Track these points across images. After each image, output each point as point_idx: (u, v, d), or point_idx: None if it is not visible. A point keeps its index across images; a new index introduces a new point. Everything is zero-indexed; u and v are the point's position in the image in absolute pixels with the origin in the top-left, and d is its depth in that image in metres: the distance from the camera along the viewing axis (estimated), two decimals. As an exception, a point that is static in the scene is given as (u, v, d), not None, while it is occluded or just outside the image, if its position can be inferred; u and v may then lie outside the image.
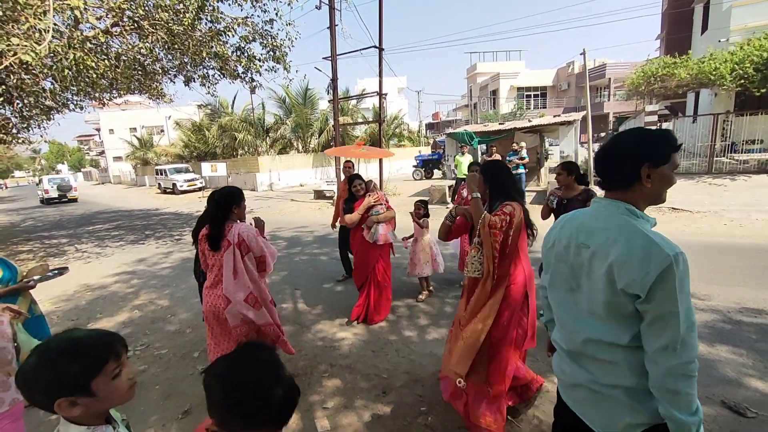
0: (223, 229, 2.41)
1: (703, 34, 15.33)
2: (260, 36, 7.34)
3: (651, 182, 1.13)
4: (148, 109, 32.34)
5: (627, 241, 1.09)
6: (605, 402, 1.18)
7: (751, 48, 9.68)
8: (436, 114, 51.60)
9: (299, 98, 22.39)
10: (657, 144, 1.14)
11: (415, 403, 2.59)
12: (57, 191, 20.80)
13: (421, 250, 4.33)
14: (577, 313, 1.25)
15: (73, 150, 62.74)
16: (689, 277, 1.06)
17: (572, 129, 10.88)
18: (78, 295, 5.33)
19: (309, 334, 3.72)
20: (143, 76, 7.70)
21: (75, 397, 0.88)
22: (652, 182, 1.14)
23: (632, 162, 1.15)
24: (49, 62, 5.51)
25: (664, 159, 1.13)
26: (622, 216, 1.15)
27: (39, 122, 9.00)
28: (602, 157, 1.23)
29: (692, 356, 1.04)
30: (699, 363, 1.04)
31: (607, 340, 1.15)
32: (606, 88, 29.34)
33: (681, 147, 1.20)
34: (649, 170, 1.13)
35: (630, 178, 1.15)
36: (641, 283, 1.05)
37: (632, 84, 12.64)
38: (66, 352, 0.89)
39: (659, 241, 1.06)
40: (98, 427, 0.95)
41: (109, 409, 1.01)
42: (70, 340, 0.92)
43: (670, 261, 1.02)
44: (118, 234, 10.32)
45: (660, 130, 1.20)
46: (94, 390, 0.89)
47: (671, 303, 1.03)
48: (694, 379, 1.05)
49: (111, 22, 5.97)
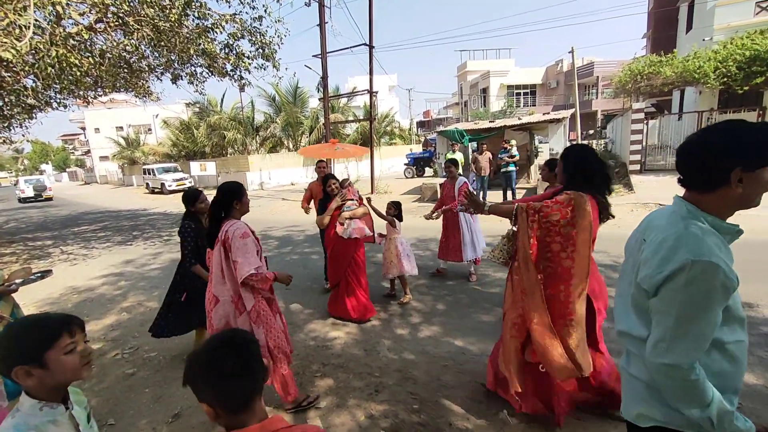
0: (220, 226, 2.34)
1: (688, 33, 15.60)
2: (249, 33, 7.25)
3: (742, 187, 1.00)
4: (134, 107, 31.87)
5: (664, 239, 1.05)
6: (629, 389, 1.24)
7: (734, 47, 9.89)
8: (427, 112, 51.69)
9: (289, 96, 22.23)
10: (755, 143, 0.98)
11: (407, 401, 2.59)
12: (33, 191, 22.84)
13: (386, 249, 4.28)
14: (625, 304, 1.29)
15: (57, 149, 61.29)
16: (714, 292, 0.97)
17: (561, 126, 11.00)
18: (64, 298, 5.22)
19: (301, 334, 3.70)
20: (129, 73, 7.55)
21: (30, 366, 0.97)
22: (744, 187, 0.99)
23: (722, 164, 1.00)
24: (30, 59, 5.37)
25: (763, 161, 0.98)
26: (679, 215, 1.09)
27: (21, 121, 8.79)
28: (686, 153, 1.09)
29: (678, 361, 0.99)
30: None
31: (633, 333, 1.17)
32: (594, 86, 29.71)
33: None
34: (742, 174, 0.98)
35: (717, 182, 1.02)
36: (653, 280, 1.03)
37: (619, 82, 12.83)
38: (26, 325, 1.04)
39: (691, 245, 0.99)
40: (50, 403, 1.02)
41: (65, 387, 1.07)
42: (33, 317, 1.07)
43: (685, 263, 0.96)
44: (105, 235, 10.13)
45: (760, 124, 1.03)
46: (46, 361, 0.98)
47: (668, 303, 1.01)
48: (687, 384, 1.00)
49: (95, 18, 5.84)
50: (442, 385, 2.75)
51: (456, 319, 3.83)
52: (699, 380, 1.00)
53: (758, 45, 9.28)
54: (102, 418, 2.64)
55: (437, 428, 2.34)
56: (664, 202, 8.54)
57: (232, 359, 0.90)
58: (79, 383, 3.06)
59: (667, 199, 9.55)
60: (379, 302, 4.35)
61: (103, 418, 2.63)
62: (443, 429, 2.33)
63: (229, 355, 0.90)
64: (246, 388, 0.91)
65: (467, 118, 29.33)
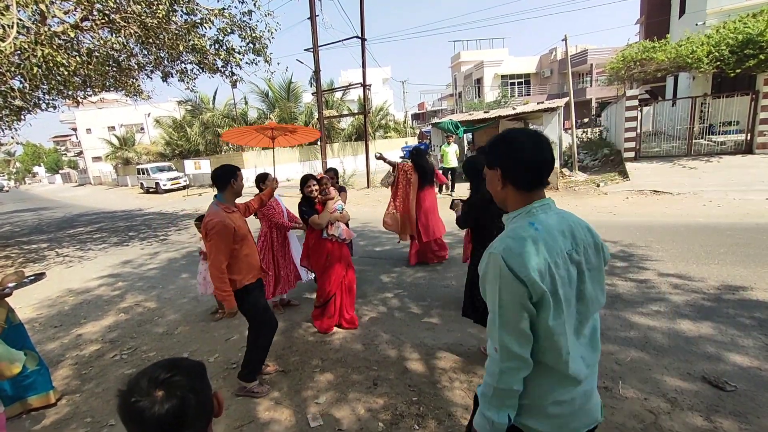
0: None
1: (681, 18, 15.54)
2: (239, 28, 7.16)
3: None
4: (125, 106, 31.42)
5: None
6: None
7: (726, 31, 9.83)
8: (421, 104, 51.43)
9: (282, 92, 22.03)
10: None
11: (406, 393, 2.61)
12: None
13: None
14: None
15: (49, 151, 60.61)
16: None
17: (556, 115, 10.95)
18: (61, 301, 5.19)
19: (300, 330, 3.71)
20: (118, 72, 7.45)
21: None
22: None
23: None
24: (16, 60, 5.28)
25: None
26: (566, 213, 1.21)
27: (9, 123, 8.65)
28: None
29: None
30: (681, 341, 1.03)
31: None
32: (588, 74, 29.60)
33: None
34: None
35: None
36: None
37: (612, 69, 12.76)
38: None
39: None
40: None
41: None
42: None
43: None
44: (101, 236, 10.06)
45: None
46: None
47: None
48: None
49: (80, 16, 5.74)
50: (441, 377, 2.77)
51: (453, 310, 3.84)
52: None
53: (750, 28, 9.24)
54: (102, 419, 2.64)
55: (437, 419, 2.35)
56: (659, 189, 8.56)
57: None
58: (79, 385, 3.05)
59: (661, 185, 9.51)
60: (377, 297, 4.36)
61: (103, 419, 2.63)
62: (443, 420, 2.34)
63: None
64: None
65: (462, 109, 29.21)
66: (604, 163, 12.03)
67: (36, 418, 2.73)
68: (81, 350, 3.70)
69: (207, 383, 0.81)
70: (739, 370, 2.59)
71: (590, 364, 1.10)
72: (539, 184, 1.09)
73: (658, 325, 3.24)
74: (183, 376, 0.76)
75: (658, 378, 2.57)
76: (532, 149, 1.06)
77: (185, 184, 21.33)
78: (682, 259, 4.69)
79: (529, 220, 1.06)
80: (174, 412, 0.72)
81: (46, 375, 2.82)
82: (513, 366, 1.00)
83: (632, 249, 5.22)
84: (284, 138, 4.50)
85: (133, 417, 0.72)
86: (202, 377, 0.81)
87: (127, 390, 0.74)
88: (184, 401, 0.73)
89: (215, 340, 3.66)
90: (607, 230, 6.16)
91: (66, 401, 2.89)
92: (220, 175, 2.63)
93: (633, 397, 2.41)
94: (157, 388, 0.73)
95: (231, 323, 3.94)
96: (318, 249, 3.53)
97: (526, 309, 0.98)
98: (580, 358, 1.06)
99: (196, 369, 0.81)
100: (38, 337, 3.99)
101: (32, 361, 2.69)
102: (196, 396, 0.76)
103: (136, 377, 0.76)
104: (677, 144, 10.96)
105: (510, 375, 1.01)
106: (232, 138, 3.85)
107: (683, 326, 3.18)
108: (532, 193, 1.09)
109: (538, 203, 1.08)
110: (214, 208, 2.57)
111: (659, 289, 3.92)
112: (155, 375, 0.75)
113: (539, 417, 1.07)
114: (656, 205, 7.75)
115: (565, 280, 1.02)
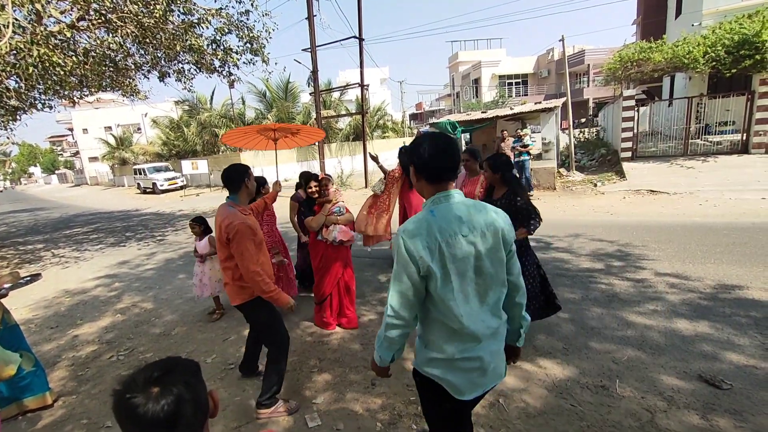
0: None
1: (678, 19, 15.61)
2: (236, 28, 7.14)
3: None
4: (122, 106, 31.35)
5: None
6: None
7: (722, 31, 9.89)
8: (419, 104, 51.44)
9: (280, 92, 22.00)
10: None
11: (404, 393, 2.61)
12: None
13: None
14: None
15: (45, 151, 60.30)
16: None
17: (553, 115, 10.98)
18: (57, 301, 5.16)
19: (298, 330, 3.70)
20: (115, 72, 7.41)
21: None
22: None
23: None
24: (11, 60, 5.25)
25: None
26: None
27: (5, 123, 8.60)
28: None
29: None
30: (677, 340, 1.06)
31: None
32: (585, 74, 29.70)
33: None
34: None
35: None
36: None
37: (609, 69, 12.81)
38: None
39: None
40: None
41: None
42: None
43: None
44: (97, 237, 10.02)
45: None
46: None
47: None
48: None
49: (77, 15, 5.71)
50: (439, 376, 2.76)
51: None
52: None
53: (746, 29, 9.30)
54: (99, 420, 2.63)
55: (435, 419, 2.35)
56: (656, 189, 8.60)
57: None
58: (75, 386, 3.03)
59: (657, 184, 9.55)
60: (375, 297, 4.36)
61: (99, 421, 2.62)
62: (441, 419, 2.34)
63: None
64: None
65: (459, 109, 29.26)
66: (601, 163, 12.07)
67: (32, 420, 2.71)
68: (77, 351, 3.68)
69: (202, 381, 0.82)
70: (735, 368, 2.60)
71: (491, 327, 1.33)
72: (441, 180, 1.32)
73: (654, 324, 3.26)
74: (178, 373, 0.77)
75: (655, 376, 2.58)
76: (432, 155, 1.30)
77: (182, 184, 21.27)
78: (678, 259, 4.71)
79: (431, 207, 1.30)
80: (169, 409, 0.72)
81: (42, 376, 2.81)
82: (397, 323, 1.31)
83: (629, 248, 5.24)
84: (287, 140, 4.27)
85: (129, 414, 0.72)
86: (196, 375, 0.82)
87: (122, 388, 0.75)
88: (180, 398, 0.74)
89: (212, 341, 3.65)
90: (604, 230, 6.19)
91: (62, 402, 2.88)
92: (233, 176, 2.48)
93: (630, 396, 2.42)
94: (153, 385, 0.73)
95: (229, 324, 3.93)
96: (313, 250, 3.56)
97: (412, 280, 1.24)
98: (481, 321, 1.30)
99: (191, 367, 0.82)
100: (34, 338, 3.97)
101: (28, 362, 2.68)
102: (191, 393, 0.76)
103: (132, 375, 0.77)
104: (674, 144, 11.01)
105: (394, 329, 1.33)
106: (233, 140, 3.59)
107: (680, 325, 3.20)
108: (439, 185, 1.33)
109: (443, 194, 1.31)
110: (230, 209, 2.37)
111: (656, 289, 3.94)
112: (150, 373, 0.75)
113: (455, 372, 1.32)
114: (653, 204, 7.79)
115: (457, 257, 1.24)
